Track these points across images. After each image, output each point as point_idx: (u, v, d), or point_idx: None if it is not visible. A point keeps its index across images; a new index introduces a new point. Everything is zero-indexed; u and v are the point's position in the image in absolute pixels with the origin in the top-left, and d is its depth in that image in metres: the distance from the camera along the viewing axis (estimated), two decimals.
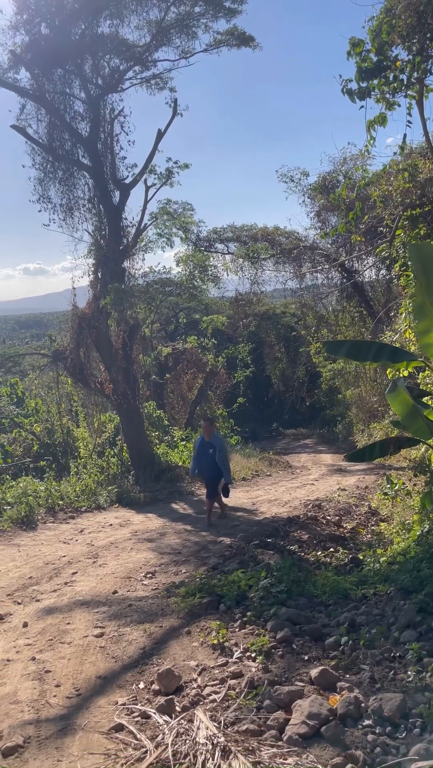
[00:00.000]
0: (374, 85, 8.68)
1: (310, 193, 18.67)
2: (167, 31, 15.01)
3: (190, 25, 15.05)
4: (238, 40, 15.31)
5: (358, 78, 8.15)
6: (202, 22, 15.09)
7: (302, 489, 15.78)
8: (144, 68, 15.54)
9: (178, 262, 17.26)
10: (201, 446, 11.53)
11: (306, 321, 24.27)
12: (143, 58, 15.26)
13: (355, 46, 8.33)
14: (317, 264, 19.06)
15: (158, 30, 14.82)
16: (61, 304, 17.83)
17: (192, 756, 3.79)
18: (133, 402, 15.64)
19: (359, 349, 7.59)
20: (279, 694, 4.40)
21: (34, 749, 4.13)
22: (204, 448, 11.43)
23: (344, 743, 3.83)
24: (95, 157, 15.05)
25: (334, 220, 18.61)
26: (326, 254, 18.56)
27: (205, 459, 11.39)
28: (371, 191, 13.99)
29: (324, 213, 18.80)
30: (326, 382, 29.25)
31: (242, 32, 15.21)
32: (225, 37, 15.28)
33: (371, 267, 19.21)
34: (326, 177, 18.47)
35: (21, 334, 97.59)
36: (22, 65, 14.33)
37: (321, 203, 18.44)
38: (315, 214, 19.13)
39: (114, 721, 4.38)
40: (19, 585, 7.74)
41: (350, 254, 18.29)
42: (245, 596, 6.52)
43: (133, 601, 6.93)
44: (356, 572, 7.34)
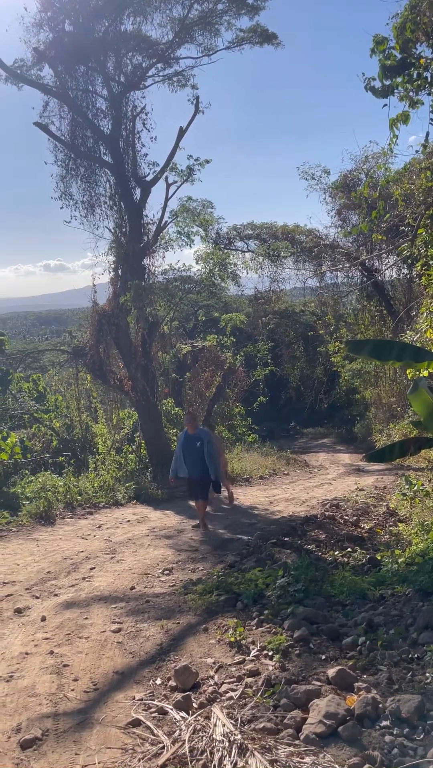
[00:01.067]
0: (397, 82, 8.61)
1: (331, 191, 18.60)
2: (190, 29, 15.02)
3: (213, 22, 15.04)
4: (260, 37, 15.27)
5: (381, 76, 8.08)
6: (225, 19, 15.09)
7: (320, 488, 15.74)
8: (166, 65, 15.59)
9: (198, 260, 17.29)
10: (186, 441, 10.56)
11: (325, 320, 24.18)
12: (166, 55, 15.28)
13: (379, 44, 8.26)
14: (337, 262, 18.98)
15: (181, 27, 14.83)
16: (82, 300, 17.93)
17: (209, 753, 3.79)
18: (151, 399, 15.68)
19: (382, 349, 7.51)
20: (296, 692, 4.39)
21: (52, 742, 4.17)
22: (190, 443, 10.50)
23: (362, 744, 3.82)
24: (117, 155, 15.11)
25: (355, 219, 18.52)
26: (346, 253, 18.47)
27: (191, 454, 10.45)
28: (393, 190, 13.89)
29: (345, 211, 18.73)
30: (345, 382, 29.15)
31: (265, 29, 15.18)
32: (248, 35, 15.26)
33: (392, 266, 19.10)
34: (348, 175, 18.39)
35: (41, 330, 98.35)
36: (45, 62, 14.44)
37: (342, 202, 18.36)
38: (336, 213, 19.07)
39: (131, 717, 4.41)
40: (37, 579, 7.80)
41: (370, 253, 18.18)
42: (262, 594, 6.52)
43: (151, 598, 6.96)
44: (374, 573, 7.30)
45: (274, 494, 14.73)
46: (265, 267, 18.91)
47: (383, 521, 10.92)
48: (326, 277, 20.10)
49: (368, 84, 8.71)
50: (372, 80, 8.69)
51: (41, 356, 23.56)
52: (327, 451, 28.01)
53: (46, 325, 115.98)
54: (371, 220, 9.70)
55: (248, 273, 18.36)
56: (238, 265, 17.95)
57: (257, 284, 20.69)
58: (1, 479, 12.82)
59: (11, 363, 17.81)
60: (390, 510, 11.90)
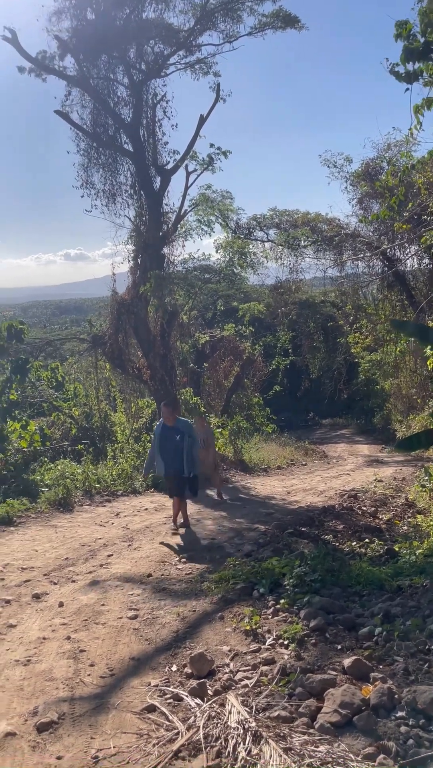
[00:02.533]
0: (421, 68, 8.45)
1: (352, 180, 18.38)
2: (212, 15, 14.88)
3: (235, 8, 14.88)
4: (283, 21, 15.06)
5: (404, 60, 7.93)
6: (247, 5, 14.91)
7: (338, 479, 15.70)
8: (188, 53, 15.45)
9: (218, 249, 17.21)
10: (164, 433, 9.54)
11: (345, 310, 24.01)
12: (187, 42, 15.16)
13: (402, 28, 8.11)
14: (358, 252, 18.78)
15: (203, 14, 14.71)
16: (101, 289, 17.95)
17: (223, 740, 3.80)
18: (170, 388, 15.70)
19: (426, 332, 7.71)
20: (311, 682, 4.39)
21: (69, 726, 4.20)
22: (168, 435, 9.50)
23: (377, 734, 3.81)
24: (137, 143, 15.06)
25: (376, 208, 18.26)
26: (367, 242, 18.26)
27: (169, 447, 9.49)
28: (416, 178, 13.70)
29: (366, 200, 18.50)
30: (364, 372, 28.98)
31: (288, 13, 14.97)
32: (270, 20, 15.06)
33: (414, 255, 18.86)
34: (369, 163, 18.15)
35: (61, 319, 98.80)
36: (68, 52, 14.40)
37: (364, 190, 18.15)
38: (357, 201, 18.84)
39: (146, 702, 4.43)
40: (55, 566, 7.86)
41: (392, 242, 17.97)
42: (279, 584, 6.52)
43: (167, 585, 7.00)
44: (392, 564, 7.27)
45: (291, 484, 14.72)
46: (284, 256, 18.76)
47: (401, 512, 10.87)
48: (346, 266, 19.90)
49: (392, 69, 8.56)
50: (396, 65, 8.55)
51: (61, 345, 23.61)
52: (346, 442, 27.93)
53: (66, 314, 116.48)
54: (390, 206, 9.51)
55: (268, 262, 18.24)
56: (257, 255, 17.86)
57: (277, 274, 20.55)
58: (21, 466, 12.92)
59: (31, 351, 17.89)
60: (409, 501, 11.84)
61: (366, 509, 10.99)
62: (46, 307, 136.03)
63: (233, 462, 16.45)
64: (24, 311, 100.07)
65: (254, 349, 23.19)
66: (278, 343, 31.00)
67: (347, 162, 18.55)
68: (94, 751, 3.89)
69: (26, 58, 14.32)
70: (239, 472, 15.98)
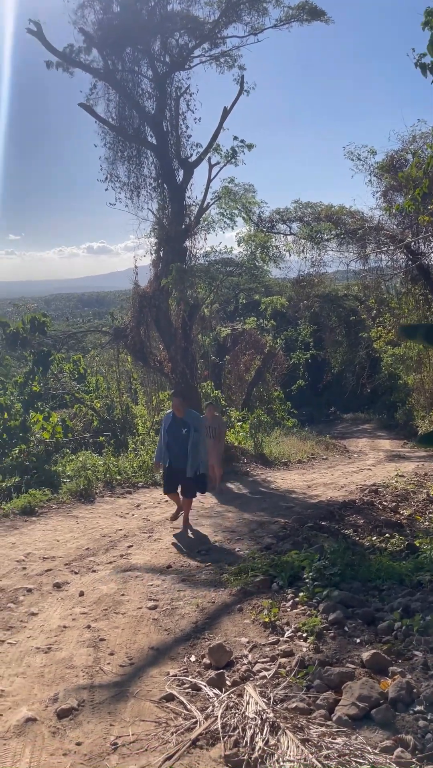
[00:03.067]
0: None
1: (376, 172, 18.18)
2: (237, 7, 14.76)
3: (260, 0, 14.76)
4: (309, 14, 14.89)
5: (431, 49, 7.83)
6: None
7: (359, 474, 15.63)
8: (212, 46, 15.32)
9: (240, 242, 17.15)
10: (172, 426, 9.10)
11: (368, 304, 23.83)
12: (212, 34, 15.07)
13: (430, 16, 8.01)
14: (381, 245, 18.60)
15: (228, 6, 14.60)
16: (123, 282, 18.01)
17: (241, 730, 3.83)
18: (191, 381, 15.71)
19: None
20: (330, 674, 4.39)
21: (88, 713, 4.26)
22: (176, 429, 9.05)
23: (395, 727, 3.81)
24: (160, 136, 15.05)
25: (400, 201, 18.08)
26: (391, 235, 18.07)
27: (176, 442, 9.04)
28: None
29: (391, 193, 18.30)
30: (387, 367, 28.77)
31: (313, 6, 14.80)
32: (296, 12, 14.90)
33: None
34: (394, 156, 17.94)
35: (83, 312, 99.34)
36: (93, 45, 14.40)
37: (388, 183, 17.96)
38: (381, 194, 18.64)
39: (165, 691, 4.48)
40: (76, 555, 7.94)
41: (416, 236, 17.78)
42: (298, 577, 6.52)
43: (187, 576, 7.04)
44: (412, 559, 7.23)
45: (312, 479, 14.69)
46: (307, 250, 18.64)
47: (422, 508, 10.80)
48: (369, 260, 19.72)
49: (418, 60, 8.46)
50: (422, 56, 8.44)
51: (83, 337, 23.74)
52: (367, 437, 27.78)
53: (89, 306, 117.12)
54: (414, 197, 9.35)
55: (291, 256, 18.12)
56: (280, 248, 17.76)
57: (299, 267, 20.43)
58: (43, 458, 13.04)
59: (54, 344, 18.03)
60: (430, 497, 11.75)
61: (387, 504, 10.93)
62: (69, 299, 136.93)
63: (253, 456, 16.44)
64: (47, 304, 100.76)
65: (275, 343, 23.15)
66: (300, 337, 30.86)
67: (371, 154, 18.32)
68: (113, 738, 3.94)
69: (52, 52, 14.35)
70: (260, 465, 15.98)
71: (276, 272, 19.62)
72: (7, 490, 11.40)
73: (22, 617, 5.91)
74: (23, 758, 3.75)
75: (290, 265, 19.09)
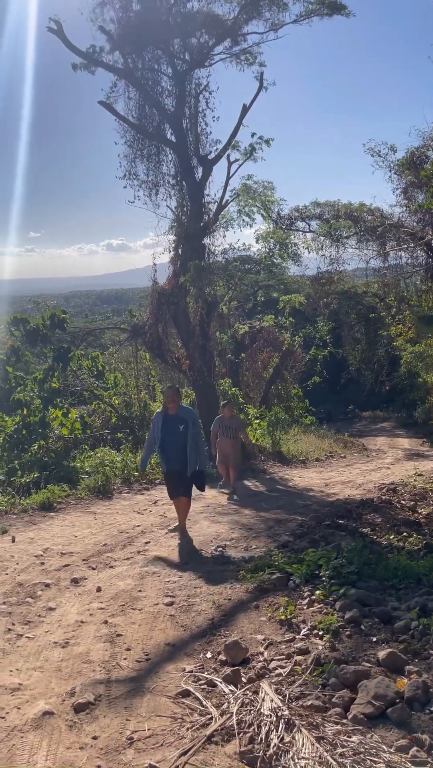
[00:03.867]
0: None
1: (397, 169, 18.04)
2: (257, 3, 14.70)
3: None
4: (329, 8, 14.74)
5: None
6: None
7: (377, 472, 15.57)
8: (233, 43, 15.29)
9: (258, 239, 17.13)
10: (166, 423, 8.37)
11: (388, 301, 23.68)
12: (232, 32, 15.02)
13: None
14: (401, 242, 18.46)
15: (248, 2, 14.56)
16: (142, 280, 18.05)
17: (256, 726, 3.84)
18: (208, 379, 15.73)
19: None
20: (345, 672, 4.39)
21: (104, 707, 4.29)
22: (171, 425, 8.33)
23: (411, 726, 3.79)
24: (180, 133, 15.06)
25: (421, 198, 17.94)
26: (411, 232, 17.94)
27: (172, 440, 8.35)
28: None
29: (411, 190, 18.15)
30: (406, 365, 28.56)
31: (334, 0, 14.69)
32: (316, 6, 14.77)
33: None
34: (415, 152, 17.78)
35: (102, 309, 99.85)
36: (113, 43, 14.43)
37: (408, 179, 17.81)
38: (401, 191, 18.49)
39: (181, 687, 4.49)
40: (94, 551, 7.99)
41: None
42: (315, 575, 6.51)
43: (204, 573, 7.05)
44: (430, 558, 7.19)
45: (330, 477, 14.66)
46: (326, 247, 18.55)
47: None
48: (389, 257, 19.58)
49: None
50: None
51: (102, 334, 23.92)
52: (386, 435, 27.65)
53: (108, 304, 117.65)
54: None
55: (310, 253, 18.05)
56: (299, 245, 17.71)
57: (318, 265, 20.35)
58: (62, 454, 13.14)
59: (72, 341, 18.13)
60: None
61: (405, 503, 10.88)
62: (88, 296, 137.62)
63: (271, 453, 16.44)
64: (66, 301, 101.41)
65: (293, 341, 23.09)
66: (318, 334, 30.74)
67: (392, 151, 18.19)
68: (129, 733, 3.96)
69: (72, 51, 14.39)
70: (277, 463, 15.97)
71: (294, 269, 19.56)
72: (26, 486, 11.50)
73: (40, 612, 5.97)
74: (40, 751, 3.79)
75: (308, 263, 19.02)
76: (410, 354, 26.50)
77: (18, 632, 5.51)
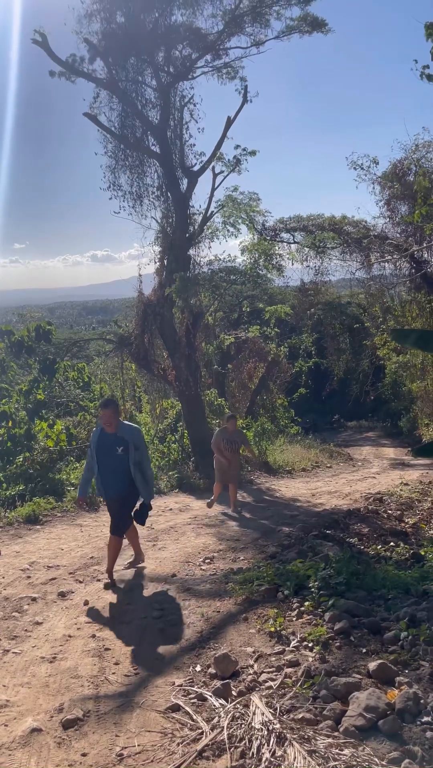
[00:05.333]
0: None
1: (380, 181, 18.22)
2: (240, 19, 14.83)
3: (263, 12, 14.81)
4: (310, 25, 14.95)
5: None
6: (275, 9, 14.86)
7: (363, 482, 15.60)
8: (216, 56, 15.41)
9: (243, 251, 17.18)
10: (102, 445, 7.06)
11: (372, 312, 23.84)
12: (215, 46, 15.15)
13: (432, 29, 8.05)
14: (385, 254, 18.60)
15: (231, 18, 14.68)
16: (128, 290, 18.08)
17: (247, 740, 3.81)
18: (194, 389, 15.72)
19: (428, 339, 7.28)
20: (336, 685, 4.36)
21: (93, 723, 4.24)
22: (108, 447, 7.02)
23: (402, 738, 3.77)
24: (164, 145, 15.11)
25: (404, 209, 18.13)
26: (395, 244, 18.09)
27: (109, 463, 7.04)
28: None
29: (394, 201, 18.32)
30: (391, 374, 28.74)
31: (315, 17, 14.87)
32: (297, 23, 14.97)
33: None
34: (397, 164, 17.96)
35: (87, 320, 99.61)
36: (97, 55, 14.49)
37: (391, 192, 17.97)
38: (384, 203, 18.66)
39: (171, 702, 4.45)
40: (80, 564, 7.92)
41: (420, 244, 17.79)
42: (303, 586, 6.49)
43: (192, 585, 7.01)
44: (418, 568, 7.20)
45: (316, 487, 14.65)
46: (310, 258, 18.65)
47: (427, 516, 10.75)
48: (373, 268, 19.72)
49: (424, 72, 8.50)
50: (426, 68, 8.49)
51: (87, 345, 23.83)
52: (371, 445, 27.74)
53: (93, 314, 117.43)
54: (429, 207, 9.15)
55: (294, 264, 18.14)
56: (283, 257, 17.79)
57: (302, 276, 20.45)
58: (48, 466, 13.04)
59: (58, 352, 18.08)
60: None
61: (392, 513, 10.89)
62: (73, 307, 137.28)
63: (257, 463, 16.42)
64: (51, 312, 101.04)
65: (279, 351, 23.15)
66: (303, 345, 30.85)
67: (374, 164, 18.39)
68: (119, 749, 3.92)
69: (56, 62, 14.44)
70: (264, 473, 15.95)
71: (279, 280, 19.64)
72: (12, 499, 11.41)
73: (26, 626, 5.90)
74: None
75: (292, 274, 19.11)
76: (394, 363, 26.67)
77: (4, 647, 5.44)
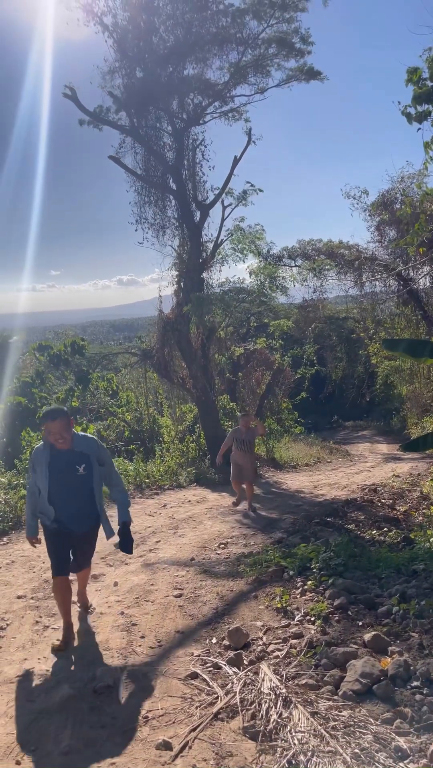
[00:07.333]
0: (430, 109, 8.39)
1: (370, 210, 18.25)
2: (244, 71, 14.93)
3: (264, 64, 14.90)
4: (307, 74, 15.04)
5: (415, 102, 7.88)
6: (276, 61, 14.93)
7: (360, 475, 15.50)
8: (223, 103, 15.52)
9: (251, 274, 17.21)
10: (55, 465, 4.83)
11: (365, 324, 23.79)
12: (223, 94, 15.25)
13: (413, 74, 8.06)
14: (376, 273, 18.59)
15: (236, 70, 14.78)
16: (149, 310, 18.12)
17: (257, 704, 3.81)
18: (210, 395, 15.73)
19: (415, 347, 7.28)
20: (335, 654, 4.35)
21: (122, 690, 4.24)
22: (63, 467, 4.83)
23: (394, 701, 3.76)
24: (180, 182, 15.21)
25: (392, 233, 18.14)
26: (384, 264, 18.09)
27: (71, 487, 4.90)
28: (429, 207, 13.54)
29: (383, 227, 18.34)
30: (383, 378, 28.62)
31: (311, 68, 14.94)
32: (295, 73, 15.07)
33: (426, 275, 18.62)
34: (385, 194, 17.99)
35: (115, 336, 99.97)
36: (121, 106, 14.67)
37: (381, 219, 17.99)
38: (375, 228, 18.69)
39: (190, 670, 4.45)
40: (110, 550, 7.90)
41: (406, 264, 17.78)
42: (307, 567, 6.47)
43: (208, 568, 7.00)
44: (408, 550, 7.15)
45: (318, 479, 14.59)
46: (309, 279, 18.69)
47: (417, 504, 10.68)
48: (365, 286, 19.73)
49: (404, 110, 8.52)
50: (407, 107, 8.51)
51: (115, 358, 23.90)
52: (366, 442, 27.56)
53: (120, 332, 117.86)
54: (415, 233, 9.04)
55: (295, 285, 18.17)
56: (286, 278, 17.81)
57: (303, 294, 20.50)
58: None
59: (90, 364, 18.16)
60: (424, 494, 11.62)
61: (385, 502, 10.82)
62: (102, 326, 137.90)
63: (266, 460, 16.40)
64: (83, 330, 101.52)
65: (283, 360, 23.10)
66: (305, 355, 30.82)
67: (364, 194, 18.45)
68: (144, 712, 3.92)
69: (84, 112, 14.62)
70: (271, 468, 15.92)
71: (283, 299, 19.66)
72: None
73: None
74: (66, 730, 3.74)
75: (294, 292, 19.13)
76: (386, 367, 26.57)
77: (45, 624, 5.47)
